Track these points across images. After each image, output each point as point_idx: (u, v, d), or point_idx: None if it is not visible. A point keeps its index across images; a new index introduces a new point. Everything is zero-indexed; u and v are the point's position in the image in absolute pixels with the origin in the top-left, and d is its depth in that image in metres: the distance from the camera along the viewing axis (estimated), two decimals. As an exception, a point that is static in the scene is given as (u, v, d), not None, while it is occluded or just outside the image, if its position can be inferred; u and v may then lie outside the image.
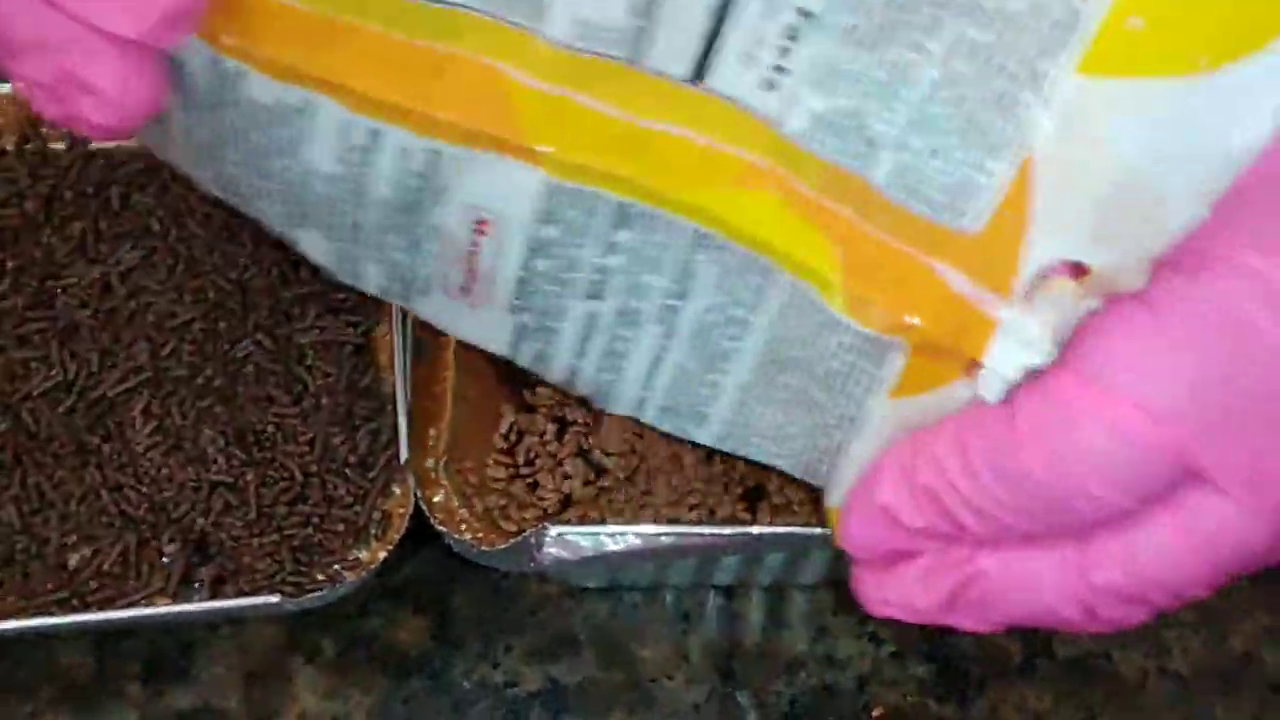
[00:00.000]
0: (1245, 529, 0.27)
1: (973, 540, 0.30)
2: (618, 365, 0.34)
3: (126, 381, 0.42)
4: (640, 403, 0.35)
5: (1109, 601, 0.29)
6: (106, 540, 0.40)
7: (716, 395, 0.34)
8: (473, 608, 0.44)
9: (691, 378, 0.34)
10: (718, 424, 0.35)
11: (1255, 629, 0.45)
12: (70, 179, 0.46)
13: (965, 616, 0.31)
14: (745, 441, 0.35)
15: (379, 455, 0.42)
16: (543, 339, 0.33)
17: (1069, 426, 0.27)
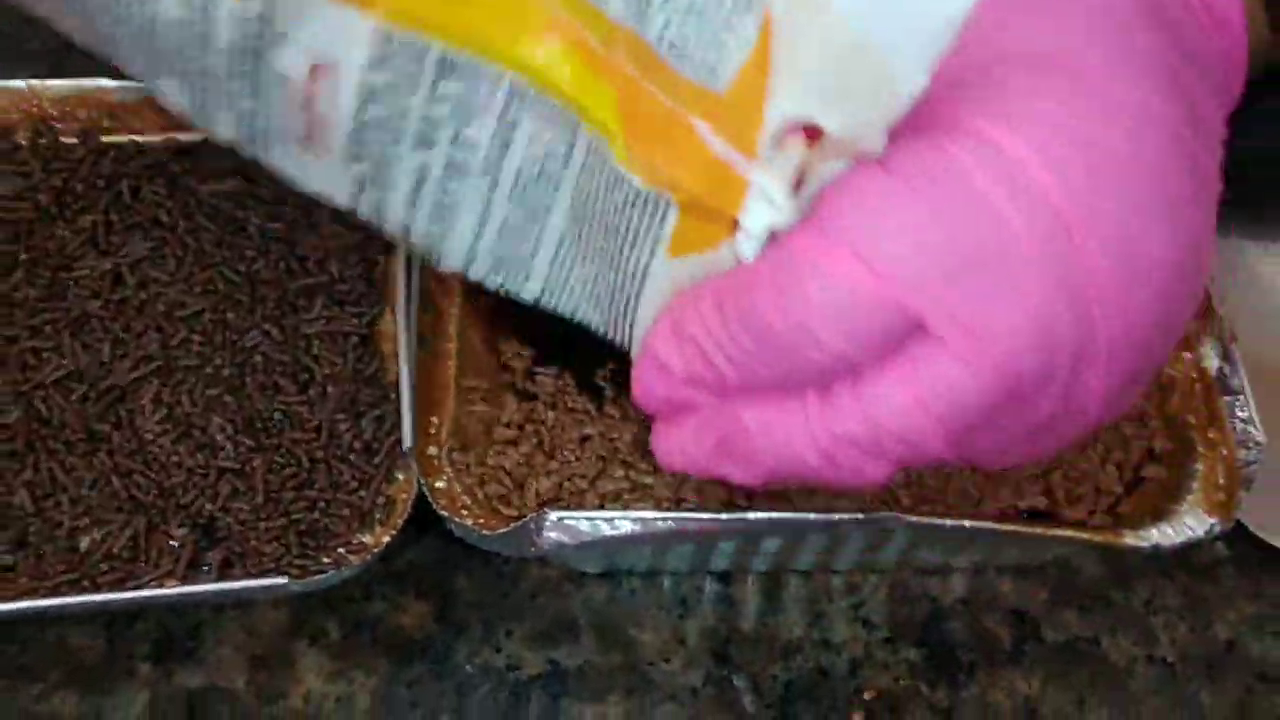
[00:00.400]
0: (965, 382, 0.28)
1: (734, 391, 0.31)
2: (447, 218, 0.35)
3: (137, 370, 0.43)
4: (470, 258, 0.36)
5: (848, 451, 0.30)
6: (116, 524, 0.41)
7: (537, 250, 0.35)
8: (475, 592, 0.45)
9: (515, 232, 0.35)
10: (539, 280, 0.36)
11: (1240, 617, 0.46)
12: (82, 172, 0.47)
13: (733, 467, 0.33)
14: (563, 299, 0.36)
15: (383, 442, 0.42)
16: (378, 190, 0.34)
17: (798, 277, 0.28)
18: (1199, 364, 0.44)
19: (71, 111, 0.48)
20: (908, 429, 0.29)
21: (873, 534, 0.42)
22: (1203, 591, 0.46)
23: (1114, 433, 0.44)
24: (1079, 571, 0.46)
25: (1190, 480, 0.43)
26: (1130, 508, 0.43)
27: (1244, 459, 0.42)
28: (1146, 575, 0.47)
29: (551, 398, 0.44)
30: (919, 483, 0.43)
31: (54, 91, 0.48)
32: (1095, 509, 0.43)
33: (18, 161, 0.47)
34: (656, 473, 0.42)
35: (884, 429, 0.29)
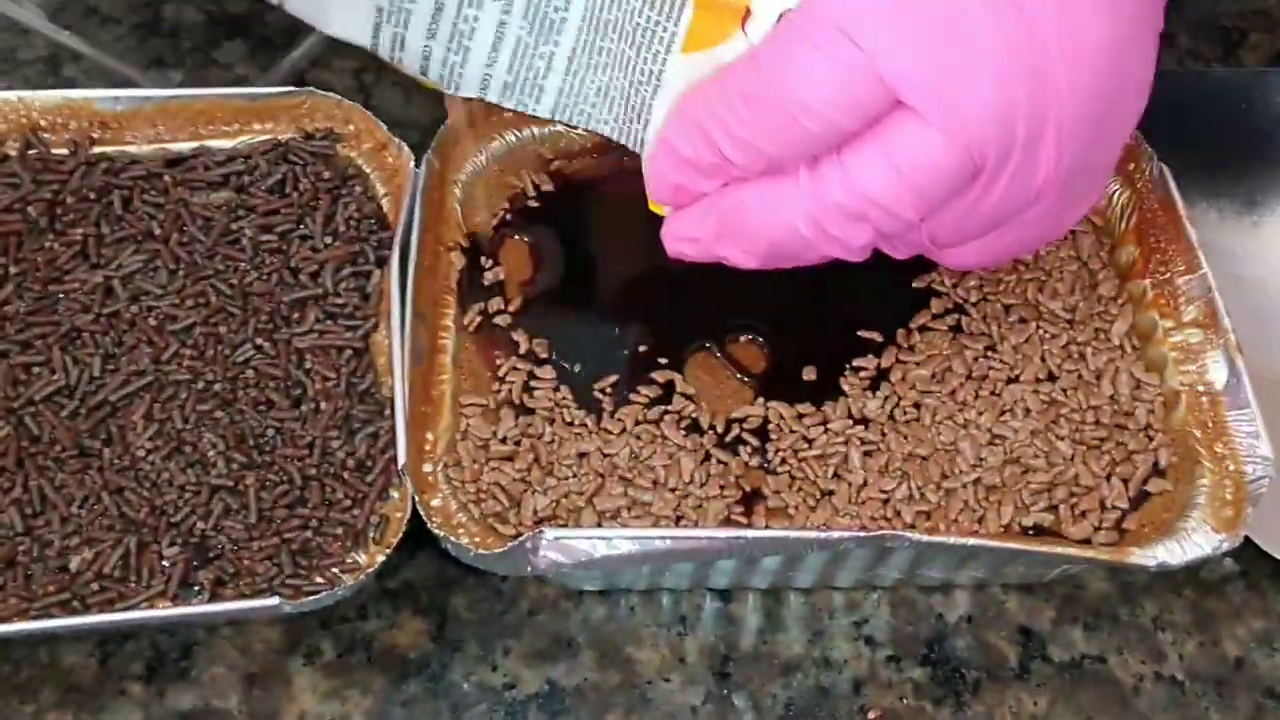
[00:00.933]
0: (936, 150, 0.32)
1: (736, 175, 0.35)
2: (464, 45, 0.37)
3: (128, 386, 0.43)
4: (485, 82, 0.38)
5: (835, 218, 0.34)
6: (107, 543, 0.40)
7: (550, 66, 0.38)
8: (471, 610, 0.44)
9: (528, 51, 0.38)
10: (552, 95, 0.39)
11: (1249, 634, 0.45)
12: (73, 185, 0.46)
13: (734, 245, 0.37)
14: (576, 110, 0.39)
15: (377, 459, 0.42)
16: (398, 22, 0.37)
17: (787, 50, 0.32)
18: (1204, 376, 0.44)
19: (62, 122, 0.48)
20: (885, 195, 0.33)
21: (874, 551, 0.41)
22: (1211, 607, 0.46)
23: (1119, 446, 0.43)
24: (1085, 588, 0.46)
25: (1197, 495, 0.42)
26: (1136, 524, 0.42)
27: (1252, 474, 0.41)
28: (1154, 591, 0.46)
29: (549, 412, 0.43)
30: (920, 498, 0.42)
31: (44, 102, 0.47)
32: (1100, 525, 0.42)
33: (7, 173, 0.47)
34: (655, 490, 0.42)
35: (865, 195, 0.33)
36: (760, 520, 0.42)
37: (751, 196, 0.35)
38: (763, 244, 0.36)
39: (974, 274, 0.47)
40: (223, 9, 0.60)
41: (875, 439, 0.43)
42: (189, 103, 0.48)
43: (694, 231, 0.37)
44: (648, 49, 0.36)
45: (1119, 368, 0.45)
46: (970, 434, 0.43)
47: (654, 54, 0.36)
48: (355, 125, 0.48)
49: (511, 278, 0.46)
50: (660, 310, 0.46)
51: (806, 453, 0.43)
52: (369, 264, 0.46)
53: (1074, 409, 0.44)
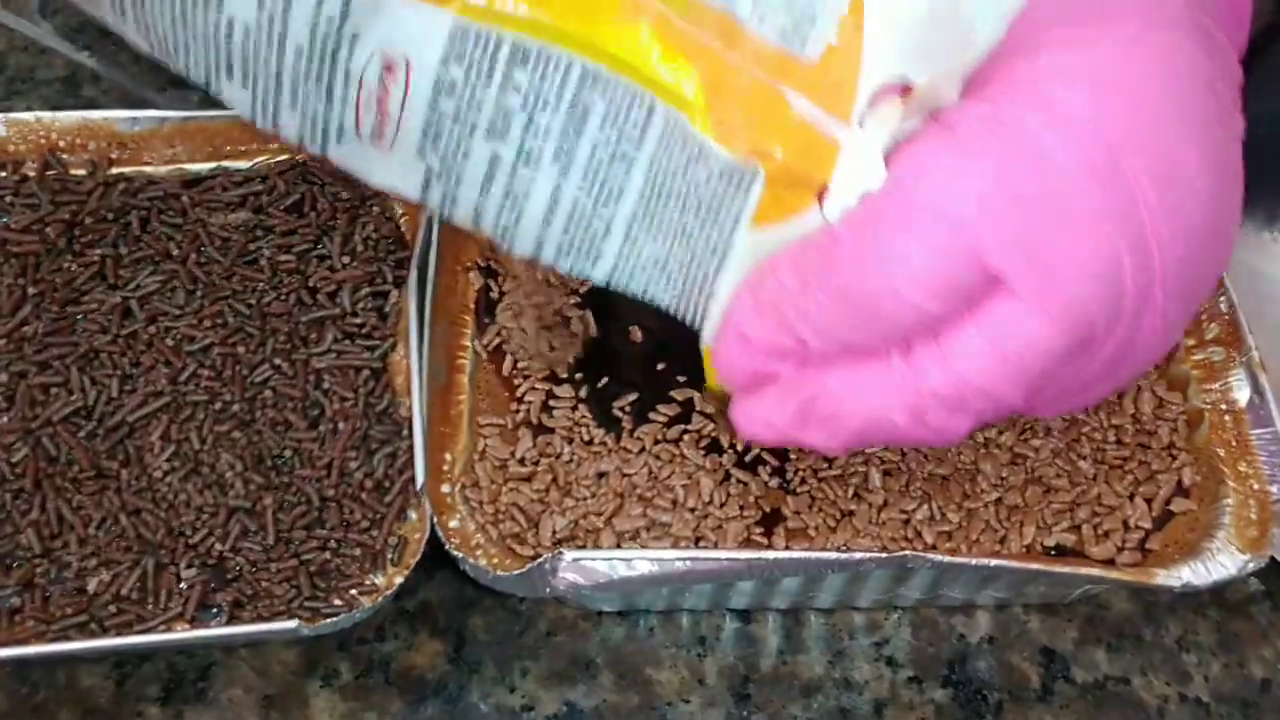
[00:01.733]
0: (1041, 330, 0.30)
1: (815, 357, 0.32)
2: (519, 206, 0.35)
3: (145, 406, 0.43)
4: (540, 243, 0.36)
5: (933, 406, 0.31)
6: (125, 565, 0.40)
7: (608, 231, 0.35)
8: (489, 631, 0.44)
9: (585, 215, 0.35)
10: (609, 260, 0.36)
11: (1276, 654, 0.45)
12: (91, 205, 0.46)
13: (816, 432, 0.34)
14: (633, 277, 0.37)
15: (395, 480, 0.42)
16: (449, 182, 0.35)
17: (877, 235, 0.30)
18: (1228, 394, 0.43)
19: (81, 143, 0.48)
20: (989, 381, 0.31)
21: (895, 572, 0.41)
22: (1237, 628, 0.45)
23: (1142, 465, 0.43)
24: (1109, 608, 0.45)
25: (1221, 515, 0.41)
26: (1160, 544, 0.42)
27: (1278, 494, 0.41)
28: (1178, 611, 0.45)
29: (568, 431, 0.43)
30: (941, 519, 0.42)
31: (63, 123, 0.47)
32: (1124, 545, 0.42)
33: (25, 194, 0.47)
34: (674, 510, 0.41)
35: (967, 383, 0.31)
36: (780, 541, 0.41)
37: (836, 384, 0.32)
38: (849, 431, 0.33)
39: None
40: (239, 29, 0.60)
41: (895, 459, 0.43)
42: (206, 123, 0.48)
43: (771, 417, 0.34)
44: (713, 222, 0.33)
45: (1141, 386, 0.44)
46: (991, 453, 0.43)
47: (720, 227, 0.33)
48: (372, 145, 0.48)
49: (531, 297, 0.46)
50: (679, 327, 0.46)
51: (826, 473, 0.42)
52: (387, 284, 0.45)
53: (1095, 428, 0.44)
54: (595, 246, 0.36)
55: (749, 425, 0.35)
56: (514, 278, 0.46)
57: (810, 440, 0.34)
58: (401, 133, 0.34)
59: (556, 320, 0.45)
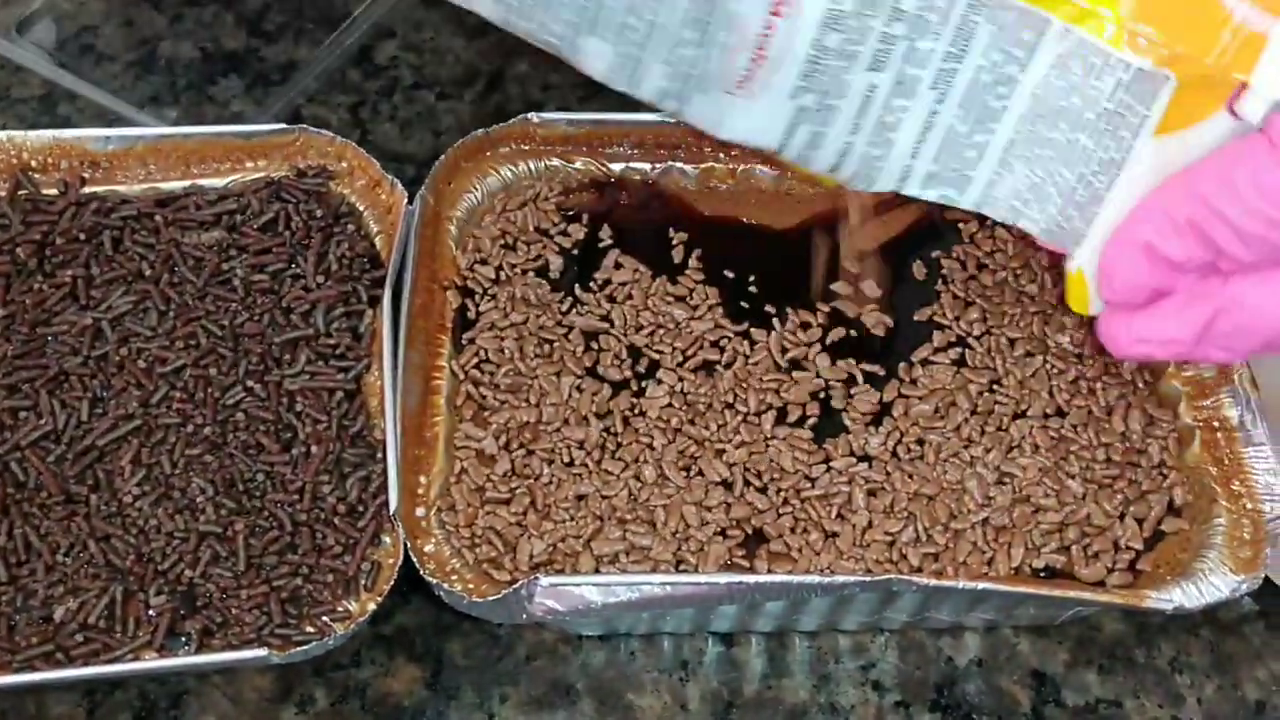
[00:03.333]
0: None
1: (1232, 268, 0.32)
2: (888, 138, 0.35)
3: (116, 430, 0.42)
4: (905, 174, 0.36)
5: None
6: (93, 592, 0.39)
7: (981, 156, 0.35)
8: (467, 656, 0.43)
9: (959, 141, 0.35)
10: (979, 187, 0.36)
11: (1270, 676, 0.44)
12: (62, 225, 0.46)
13: (1216, 347, 0.34)
14: (1003, 203, 0.36)
15: (369, 504, 0.41)
16: (820, 120, 0.35)
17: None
18: (1220, 412, 0.43)
19: (53, 162, 0.47)
20: None
21: (881, 594, 0.40)
22: (1230, 649, 0.44)
23: (1132, 485, 0.42)
24: (1100, 629, 0.44)
25: (1213, 535, 0.41)
26: (1151, 564, 0.41)
27: (1270, 513, 0.40)
28: (1170, 632, 0.44)
29: (548, 453, 0.42)
30: (927, 540, 0.41)
31: (34, 142, 0.47)
32: (1114, 566, 0.41)
33: (-4, 214, 0.46)
34: (655, 533, 0.41)
35: None
36: (763, 563, 0.40)
37: (1254, 293, 0.32)
38: (1261, 339, 0.33)
39: (977, 306, 0.46)
40: (219, 45, 0.60)
41: (879, 478, 0.42)
42: (180, 141, 0.47)
43: (1169, 334, 0.34)
44: (1111, 136, 0.33)
45: (1130, 403, 0.44)
46: (977, 472, 0.42)
47: (1119, 140, 0.33)
48: (348, 162, 0.48)
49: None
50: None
51: (809, 492, 0.42)
52: (361, 304, 0.45)
53: (1084, 446, 0.43)
54: (965, 173, 0.36)
55: (1136, 345, 0.35)
56: (491, 297, 0.45)
57: (1212, 354, 0.34)
58: (777, 75, 0.34)
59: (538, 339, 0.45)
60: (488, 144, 0.48)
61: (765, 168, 0.49)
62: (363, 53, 0.60)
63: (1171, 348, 0.35)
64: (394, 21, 0.61)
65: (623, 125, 0.48)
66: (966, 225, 0.47)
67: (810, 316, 0.45)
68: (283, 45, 0.60)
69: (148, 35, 0.60)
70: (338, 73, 0.59)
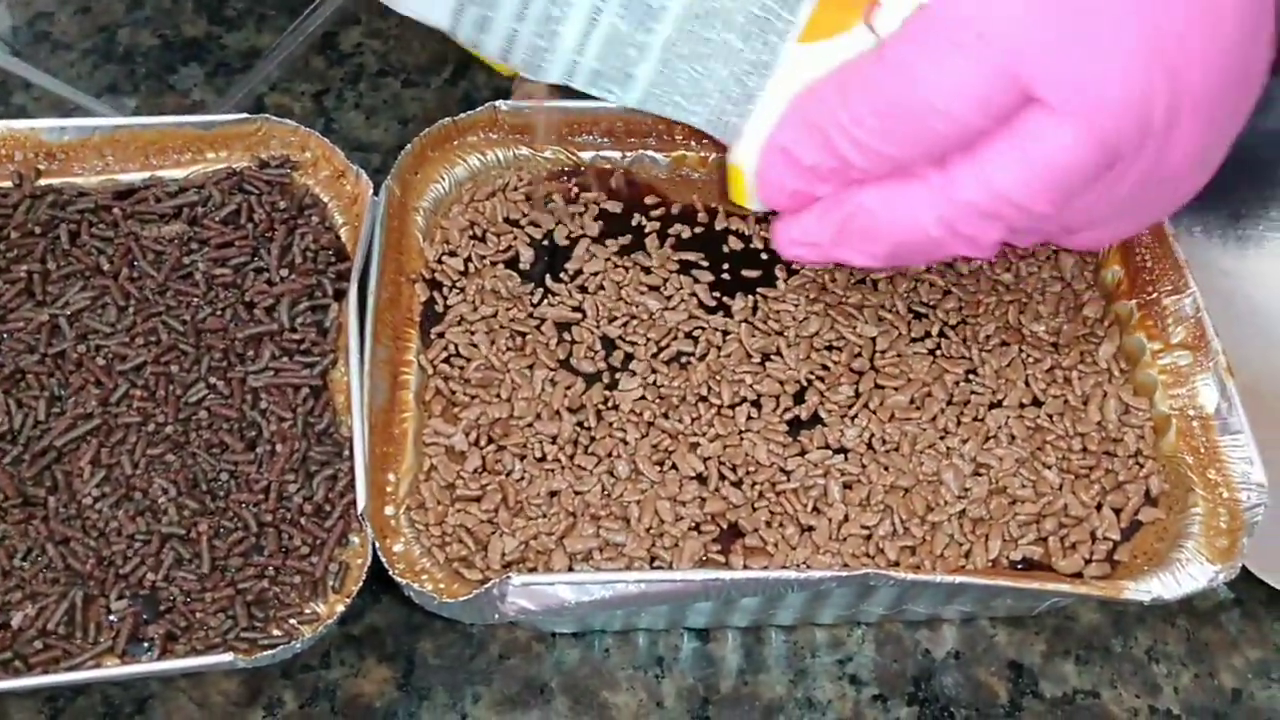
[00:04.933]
0: (1071, 144, 0.31)
1: (857, 175, 0.34)
2: (554, 30, 0.36)
3: (74, 430, 0.41)
4: (572, 68, 0.37)
5: (969, 218, 0.33)
6: (52, 597, 0.38)
7: (643, 55, 0.37)
8: (439, 655, 0.43)
9: (621, 39, 0.37)
10: (642, 84, 0.38)
11: (1246, 665, 0.44)
12: (17, 219, 0.44)
13: (853, 250, 0.36)
14: (665, 100, 0.38)
15: (336, 503, 0.40)
16: (485, 4, 0.36)
17: (923, 50, 0.32)
18: (1195, 400, 0.42)
19: (6, 154, 0.46)
20: (1022, 192, 0.32)
21: (858, 588, 0.39)
22: (1207, 638, 0.44)
23: (1109, 474, 0.42)
24: (1076, 619, 0.44)
25: (1190, 524, 0.40)
26: (1128, 555, 0.41)
27: (1247, 502, 0.40)
28: (1147, 621, 0.44)
29: (520, 448, 0.42)
30: (904, 533, 0.40)
31: (-14, 134, 0.45)
32: (1091, 557, 0.40)
33: (-52, 209, 0.45)
34: (628, 529, 0.40)
35: (1000, 194, 0.32)
36: (738, 559, 0.40)
37: (875, 199, 0.35)
38: (887, 245, 0.35)
39: (953, 296, 0.45)
40: (179, 33, 0.58)
41: (855, 470, 0.41)
42: (139, 132, 0.46)
43: (812, 236, 0.37)
44: (760, 38, 0.36)
45: (1106, 392, 0.43)
46: (954, 463, 0.42)
47: (766, 44, 0.36)
48: (312, 152, 0.47)
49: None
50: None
51: (784, 486, 0.41)
52: (327, 297, 0.44)
53: (1061, 435, 0.42)
54: (628, 70, 0.37)
55: (790, 246, 0.37)
56: (459, 289, 0.44)
57: (849, 256, 0.36)
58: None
59: (509, 332, 0.44)
60: (455, 133, 0.47)
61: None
62: (327, 39, 0.58)
63: (814, 250, 0.37)
64: (359, 7, 0.59)
65: (593, 113, 0.47)
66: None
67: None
68: (244, 32, 0.59)
69: (105, 22, 0.58)
70: (301, 60, 0.57)
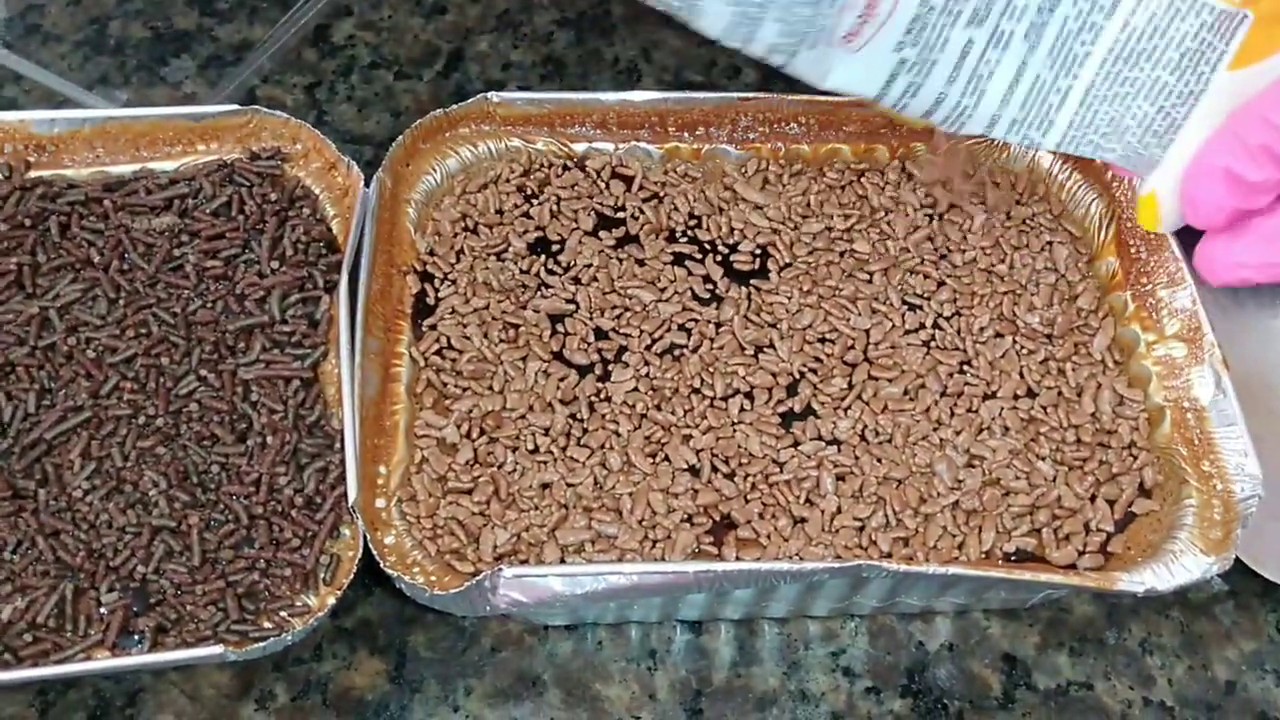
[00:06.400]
0: None
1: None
2: (981, 88, 0.38)
3: (64, 422, 0.41)
4: (994, 121, 0.38)
5: None
6: (41, 590, 0.38)
7: (1064, 100, 0.38)
8: (431, 648, 0.42)
9: (1044, 88, 0.38)
10: (1061, 128, 0.39)
11: (1239, 656, 0.43)
12: (6, 211, 0.44)
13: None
14: (1085, 140, 0.39)
15: (327, 495, 0.40)
16: (918, 72, 0.37)
17: None
18: (1189, 391, 0.42)
19: (-4, 146, 0.46)
20: None
21: (850, 580, 0.39)
22: (1200, 629, 0.44)
23: (1102, 466, 0.42)
24: (1070, 611, 0.44)
25: (1184, 516, 0.40)
26: (1122, 546, 0.40)
27: (1241, 493, 0.40)
28: (1141, 613, 0.44)
29: (512, 440, 0.41)
30: (897, 525, 0.40)
31: (-24, 126, 0.45)
32: (1085, 549, 0.40)
33: (-63, 201, 0.44)
34: (621, 521, 0.40)
35: None
36: (731, 551, 0.40)
37: None
38: None
39: (947, 287, 0.45)
40: (170, 25, 0.58)
41: (848, 462, 0.41)
42: (129, 124, 0.46)
43: (1268, 257, 0.36)
44: (1191, 71, 0.36)
45: (1100, 383, 0.43)
46: (947, 455, 0.41)
47: (1198, 74, 0.36)
48: (303, 144, 0.46)
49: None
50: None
51: (777, 477, 0.41)
52: (318, 289, 0.44)
53: (1054, 427, 0.42)
54: (1049, 117, 0.38)
55: (1236, 270, 0.37)
56: (451, 281, 0.44)
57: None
58: (884, 29, 0.35)
59: (502, 324, 0.44)
60: (447, 124, 0.47)
61: (730, 147, 0.48)
62: (319, 32, 0.58)
63: (1269, 271, 0.37)
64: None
65: (585, 104, 0.47)
66: (935, 208, 0.47)
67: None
68: (236, 24, 0.58)
69: (97, 14, 0.58)
70: (293, 52, 0.57)
